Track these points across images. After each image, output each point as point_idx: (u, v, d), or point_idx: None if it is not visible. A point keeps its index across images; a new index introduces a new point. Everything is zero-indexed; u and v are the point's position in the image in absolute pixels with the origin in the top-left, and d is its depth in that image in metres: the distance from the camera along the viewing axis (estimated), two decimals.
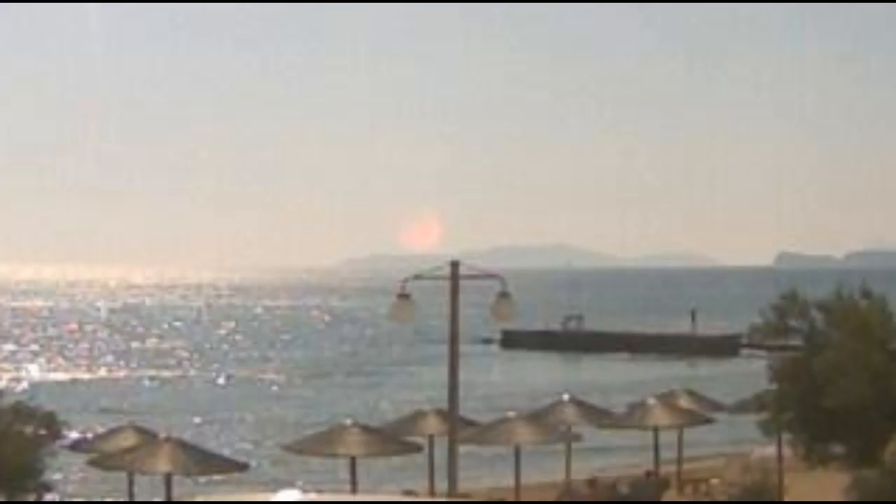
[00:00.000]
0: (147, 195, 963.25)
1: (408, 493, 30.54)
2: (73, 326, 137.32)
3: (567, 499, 33.71)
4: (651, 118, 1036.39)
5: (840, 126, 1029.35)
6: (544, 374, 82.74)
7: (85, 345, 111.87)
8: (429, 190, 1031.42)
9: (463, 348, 22.96)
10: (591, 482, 33.97)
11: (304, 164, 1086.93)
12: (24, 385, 67.35)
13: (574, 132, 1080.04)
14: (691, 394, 34.86)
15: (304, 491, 8.77)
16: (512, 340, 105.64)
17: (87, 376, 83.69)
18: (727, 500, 31.02)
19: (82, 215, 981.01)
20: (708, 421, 33.31)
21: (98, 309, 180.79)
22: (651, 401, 32.36)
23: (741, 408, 32.10)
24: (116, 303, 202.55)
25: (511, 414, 29.45)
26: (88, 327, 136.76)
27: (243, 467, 26.31)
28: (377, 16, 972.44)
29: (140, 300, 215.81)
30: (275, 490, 8.49)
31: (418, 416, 30.43)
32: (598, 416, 33.46)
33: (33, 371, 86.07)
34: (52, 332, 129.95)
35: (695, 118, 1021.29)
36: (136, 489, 28.28)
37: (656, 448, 32.37)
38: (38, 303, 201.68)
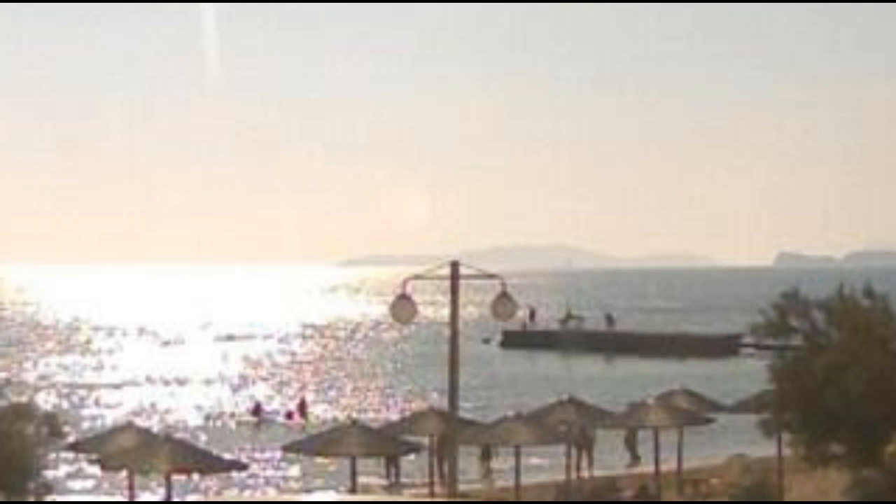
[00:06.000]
0: (148, 195, 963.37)
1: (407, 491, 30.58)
2: (72, 327, 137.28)
3: (564, 499, 33.68)
4: (652, 118, 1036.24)
5: (840, 126, 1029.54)
6: (544, 375, 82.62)
7: (83, 345, 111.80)
8: (428, 190, 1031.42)
9: (463, 348, 22.96)
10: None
11: (304, 164, 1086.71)
12: (25, 385, 67.27)
13: (574, 132, 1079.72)
14: (691, 394, 34.83)
15: (335, 492, 8.74)
16: (512, 340, 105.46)
17: (87, 376, 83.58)
18: (727, 500, 30.99)
19: (82, 215, 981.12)
20: (708, 421, 33.28)
21: (98, 309, 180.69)
22: (651, 401, 32.35)
23: (741, 408, 32.09)
24: (115, 303, 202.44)
25: (511, 414, 29.42)
26: (87, 328, 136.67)
27: (243, 467, 26.34)
28: (378, 15, 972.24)
29: (138, 300, 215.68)
30: (306, 493, 8.42)
31: (418, 416, 30.44)
32: (598, 416, 33.45)
33: (33, 371, 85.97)
34: (50, 332, 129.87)
35: (695, 118, 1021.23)
36: (136, 489, 28.25)
37: (656, 448, 32.36)
38: (38, 303, 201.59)
